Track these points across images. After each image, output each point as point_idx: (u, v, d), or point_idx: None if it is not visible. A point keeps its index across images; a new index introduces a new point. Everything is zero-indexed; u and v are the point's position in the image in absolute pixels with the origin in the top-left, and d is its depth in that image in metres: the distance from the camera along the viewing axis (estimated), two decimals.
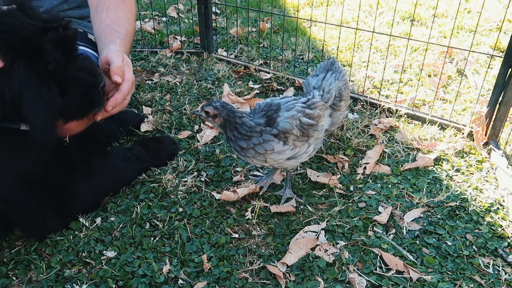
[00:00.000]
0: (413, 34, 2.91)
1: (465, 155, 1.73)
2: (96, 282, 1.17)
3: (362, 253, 1.28)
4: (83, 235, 1.33)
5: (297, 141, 1.31)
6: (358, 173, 1.63)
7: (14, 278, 1.19)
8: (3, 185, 1.19)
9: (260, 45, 2.84)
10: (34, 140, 1.07)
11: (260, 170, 1.66)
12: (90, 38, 2.01)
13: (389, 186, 1.57)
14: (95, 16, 1.71)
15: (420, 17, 3.23)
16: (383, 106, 2.04)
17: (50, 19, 1.13)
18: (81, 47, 1.80)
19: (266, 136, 1.27)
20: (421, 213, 1.43)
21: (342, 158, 1.70)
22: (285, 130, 1.28)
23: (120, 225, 1.37)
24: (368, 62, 2.40)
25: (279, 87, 2.29)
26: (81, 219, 1.36)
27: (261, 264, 1.24)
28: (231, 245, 1.32)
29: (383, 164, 1.68)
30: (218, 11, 3.52)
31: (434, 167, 1.66)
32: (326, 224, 1.38)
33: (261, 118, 1.30)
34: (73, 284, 1.16)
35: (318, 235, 1.34)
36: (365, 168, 1.65)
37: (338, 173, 1.63)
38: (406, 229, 1.37)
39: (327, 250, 1.29)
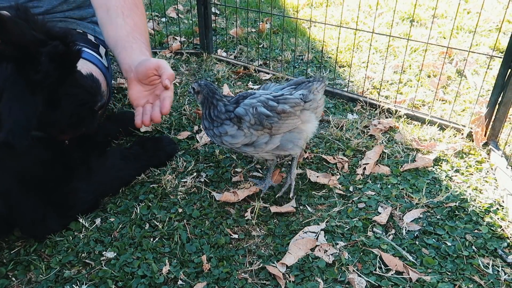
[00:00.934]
0: (412, 35, 2.91)
1: (464, 155, 1.73)
2: (96, 282, 1.17)
3: (361, 253, 1.28)
4: (82, 235, 1.33)
5: (252, 129, 1.33)
6: (358, 174, 1.63)
7: (13, 278, 1.19)
8: (3, 185, 1.19)
9: (259, 46, 2.84)
10: (1, 139, 1.05)
11: (260, 171, 1.66)
12: (89, 39, 2.02)
13: (389, 186, 1.57)
14: (107, 20, 1.67)
15: (419, 18, 3.24)
16: (383, 106, 2.05)
17: (54, 34, 1.15)
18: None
19: (224, 120, 1.34)
20: (420, 214, 1.43)
21: (342, 159, 1.70)
22: (239, 115, 1.32)
23: (120, 226, 1.37)
24: (367, 62, 2.40)
25: None
26: (80, 220, 1.36)
27: (261, 265, 1.24)
28: (231, 245, 1.32)
29: (383, 164, 1.68)
30: (218, 12, 3.52)
31: (433, 167, 1.66)
32: (326, 225, 1.38)
33: (232, 105, 1.36)
34: (73, 285, 1.16)
35: (318, 236, 1.34)
36: (364, 168, 1.65)
37: (338, 173, 1.63)
38: (405, 230, 1.37)
39: (326, 251, 1.28)
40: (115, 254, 1.26)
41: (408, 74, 2.41)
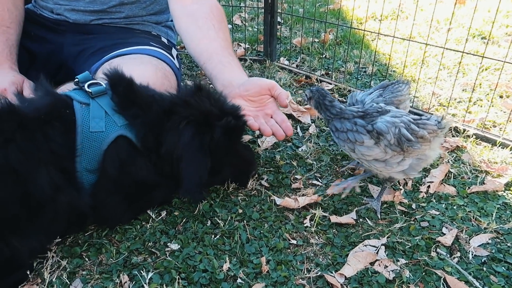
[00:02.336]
0: (483, 52, 2.78)
1: None
2: (161, 271, 1.23)
3: (424, 273, 1.24)
4: (149, 226, 1.40)
5: (389, 148, 1.32)
6: (421, 191, 1.58)
7: (86, 259, 1.28)
8: (101, 194, 1.31)
9: (322, 56, 2.85)
10: (179, 195, 1.38)
11: (319, 180, 1.67)
12: (163, 41, 2.14)
13: (454, 207, 1.51)
14: (197, 31, 1.74)
15: (492, 36, 3.09)
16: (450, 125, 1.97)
17: (227, 109, 1.40)
18: (154, 49, 1.91)
19: (359, 127, 1.34)
20: (489, 239, 1.36)
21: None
22: (380, 131, 1.31)
23: (183, 220, 1.43)
24: (436, 79, 2.32)
25: (340, 99, 2.28)
26: (148, 211, 1.44)
27: (319, 273, 1.24)
28: (289, 250, 1.34)
29: (448, 184, 1.62)
30: (281, 21, 3.57)
31: (504, 192, 1.57)
32: (387, 240, 1.35)
33: (358, 109, 1.39)
34: (140, 271, 1.22)
35: (378, 250, 1.32)
36: (428, 186, 1.60)
37: (400, 189, 1.60)
38: (472, 254, 1.31)
39: (387, 266, 1.26)
40: (179, 246, 1.32)
41: (478, 93, 2.31)
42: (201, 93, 1.37)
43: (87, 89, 1.32)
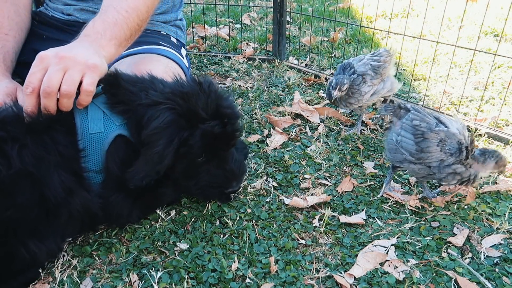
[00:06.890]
0: (496, 50, 2.74)
1: None
2: (170, 270, 1.24)
3: (434, 274, 1.23)
4: (158, 225, 1.41)
5: (373, 79, 1.88)
6: (433, 192, 1.56)
7: (97, 258, 1.29)
8: (109, 192, 1.31)
9: (331, 55, 2.83)
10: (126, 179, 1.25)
11: (328, 180, 1.66)
12: (172, 41, 2.15)
13: (466, 207, 1.49)
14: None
15: (505, 33, 3.04)
16: (461, 123, 1.94)
17: (220, 112, 1.30)
18: (163, 48, 1.92)
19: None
20: (501, 240, 1.34)
21: None
22: (361, 72, 1.85)
23: (192, 220, 1.44)
24: (447, 77, 2.29)
25: None
26: (157, 211, 1.45)
27: (328, 273, 1.24)
28: (298, 250, 1.33)
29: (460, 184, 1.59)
30: (290, 20, 3.56)
31: None
32: (397, 240, 1.34)
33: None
34: (149, 270, 1.23)
35: (388, 251, 1.30)
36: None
37: (412, 189, 1.58)
38: (484, 255, 1.29)
39: (397, 267, 1.25)
40: (188, 246, 1.32)
41: (490, 91, 2.28)
42: (201, 88, 1.30)
43: None
